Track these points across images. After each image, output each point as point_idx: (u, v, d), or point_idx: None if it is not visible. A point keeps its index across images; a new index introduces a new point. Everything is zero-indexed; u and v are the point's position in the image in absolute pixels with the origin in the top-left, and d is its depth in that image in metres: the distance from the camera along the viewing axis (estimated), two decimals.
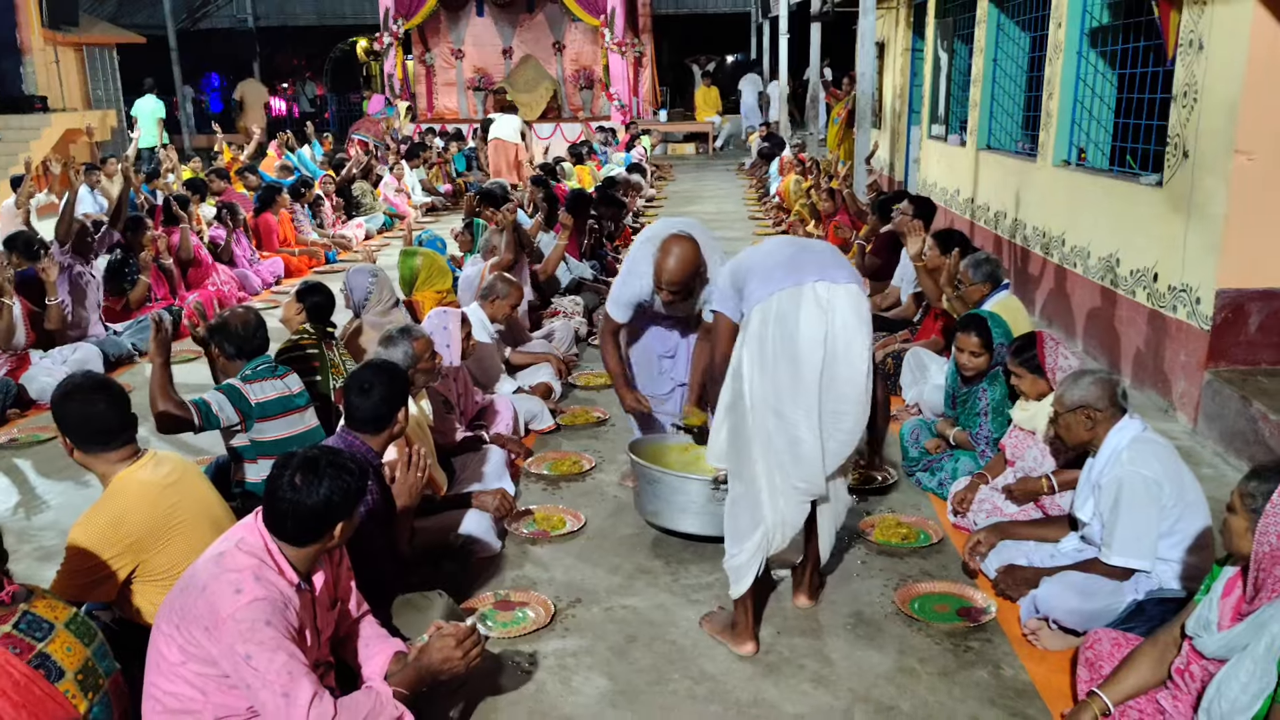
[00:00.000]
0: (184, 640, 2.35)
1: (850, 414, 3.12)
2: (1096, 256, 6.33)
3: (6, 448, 5.23)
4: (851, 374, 3.07)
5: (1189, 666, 2.53)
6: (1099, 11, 6.82)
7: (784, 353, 3.03)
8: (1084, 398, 3.28)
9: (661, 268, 3.84)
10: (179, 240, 8.03)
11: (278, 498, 2.40)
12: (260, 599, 2.31)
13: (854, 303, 3.09)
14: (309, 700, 2.28)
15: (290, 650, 2.31)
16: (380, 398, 3.15)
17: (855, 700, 2.96)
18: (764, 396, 3.06)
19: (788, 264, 3.15)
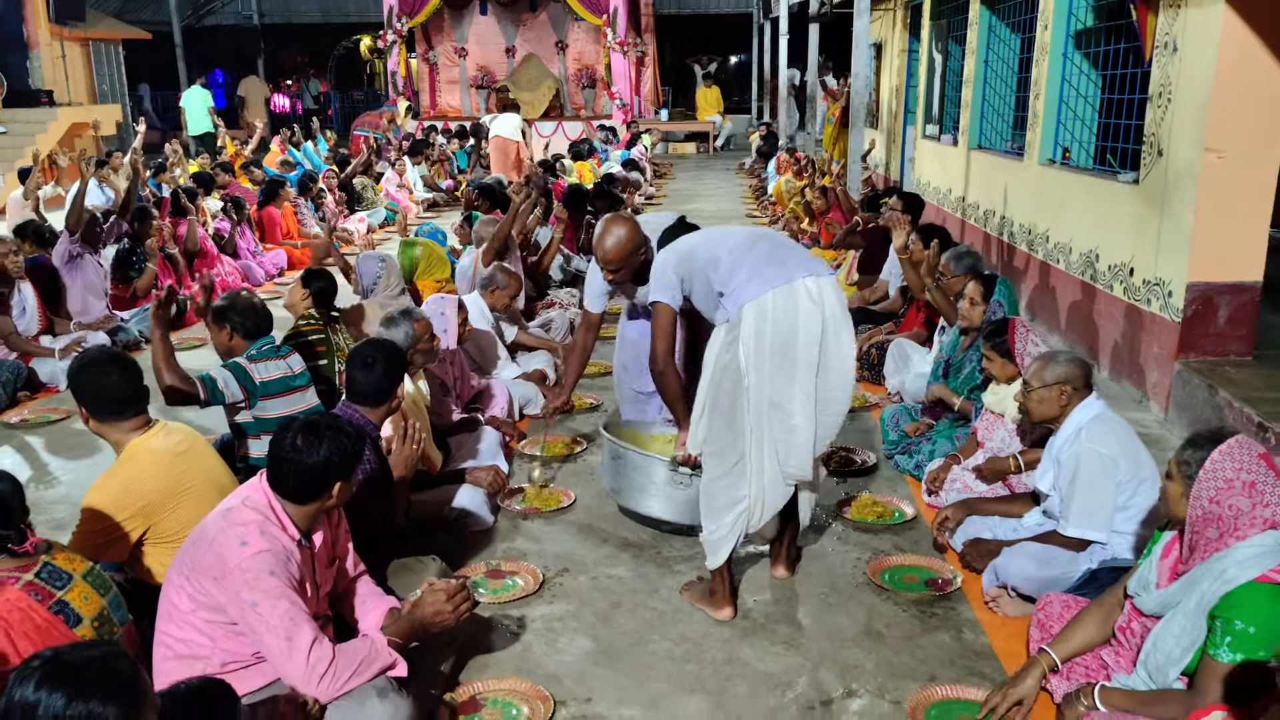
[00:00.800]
0: (194, 590, 2.53)
1: (839, 399, 3.31)
2: (1078, 252, 6.50)
3: (18, 427, 5.41)
4: (842, 363, 3.27)
5: (1130, 624, 2.71)
6: (1084, 14, 7.00)
7: (782, 348, 3.16)
8: (1064, 375, 3.45)
9: (599, 246, 3.92)
10: (185, 231, 8.22)
11: (281, 458, 2.58)
12: (264, 551, 2.49)
13: (838, 294, 3.28)
14: (309, 644, 2.46)
15: (292, 599, 2.48)
16: (382, 372, 3.34)
17: (823, 660, 3.14)
18: (760, 390, 3.18)
19: (772, 260, 3.25)
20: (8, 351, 5.99)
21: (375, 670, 2.56)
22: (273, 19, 26.58)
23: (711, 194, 15.41)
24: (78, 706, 1.74)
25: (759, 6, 24.03)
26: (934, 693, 2.93)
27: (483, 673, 3.10)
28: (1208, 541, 2.48)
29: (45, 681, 1.76)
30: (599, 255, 3.93)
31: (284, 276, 9.46)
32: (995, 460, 3.97)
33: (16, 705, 1.74)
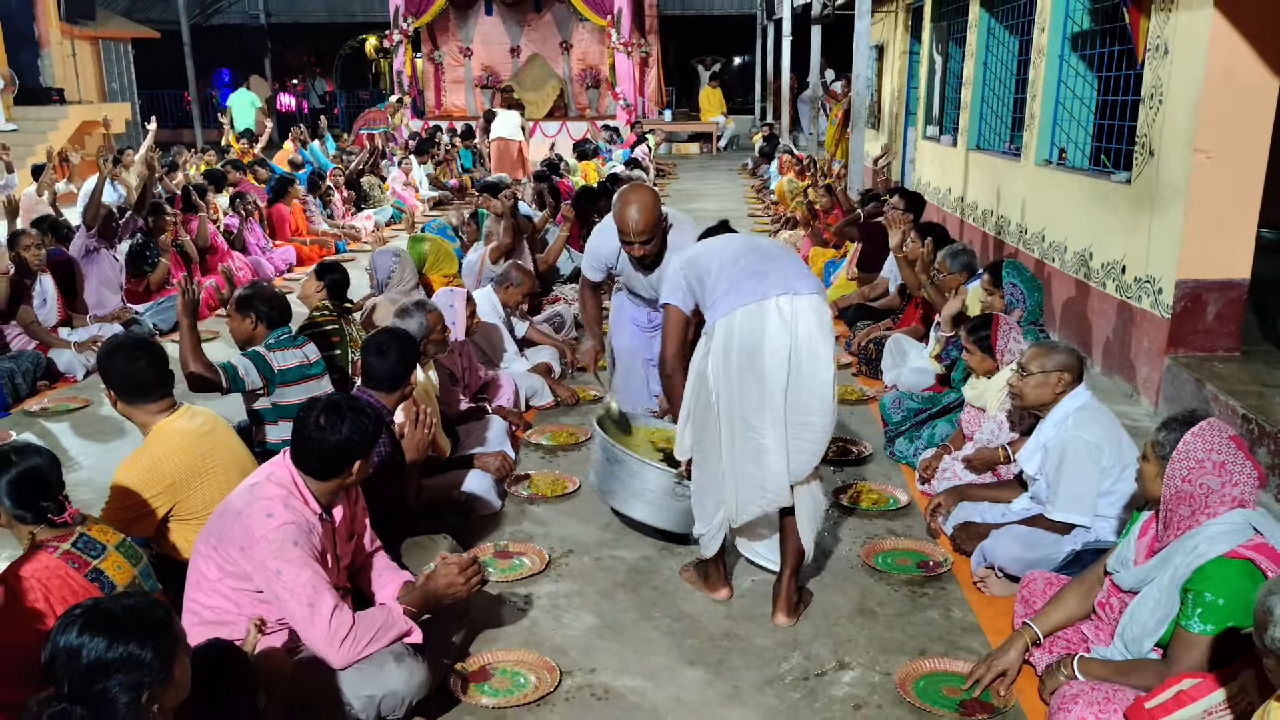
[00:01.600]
0: (221, 559, 2.68)
1: (816, 424, 3.16)
2: (1072, 251, 6.64)
3: (39, 415, 5.56)
4: (816, 385, 3.12)
5: (1109, 599, 2.85)
6: (1080, 17, 7.13)
7: (749, 367, 3.09)
8: (1061, 363, 3.59)
9: (624, 219, 3.93)
10: (197, 227, 8.37)
11: (304, 436, 2.72)
12: (289, 523, 2.64)
13: (817, 314, 3.13)
14: (331, 610, 2.60)
15: (314, 568, 2.63)
16: (396, 359, 3.49)
17: (817, 635, 3.28)
18: (730, 406, 3.14)
19: (752, 276, 3.16)
20: (27, 341, 6.15)
21: (392, 636, 2.70)
22: (279, 18, 26.75)
23: (714, 194, 15.55)
24: (118, 649, 1.89)
25: (762, 8, 24.17)
26: (922, 665, 3.07)
27: (492, 645, 3.24)
28: (1180, 519, 2.62)
29: (87, 627, 1.91)
30: (628, 229, 3.94)
31: (293, 272, 9.61)
32: (985, 451, 4.11)
33: (61, 650, 1.89)
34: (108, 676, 1.88)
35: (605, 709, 2.93)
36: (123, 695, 1.89)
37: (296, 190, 10.74)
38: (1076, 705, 2.56)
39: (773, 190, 13.85)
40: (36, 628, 2.52)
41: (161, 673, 1.93)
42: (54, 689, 1.92)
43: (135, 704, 1.90)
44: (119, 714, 1.89)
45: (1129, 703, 2.49)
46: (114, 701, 1.88)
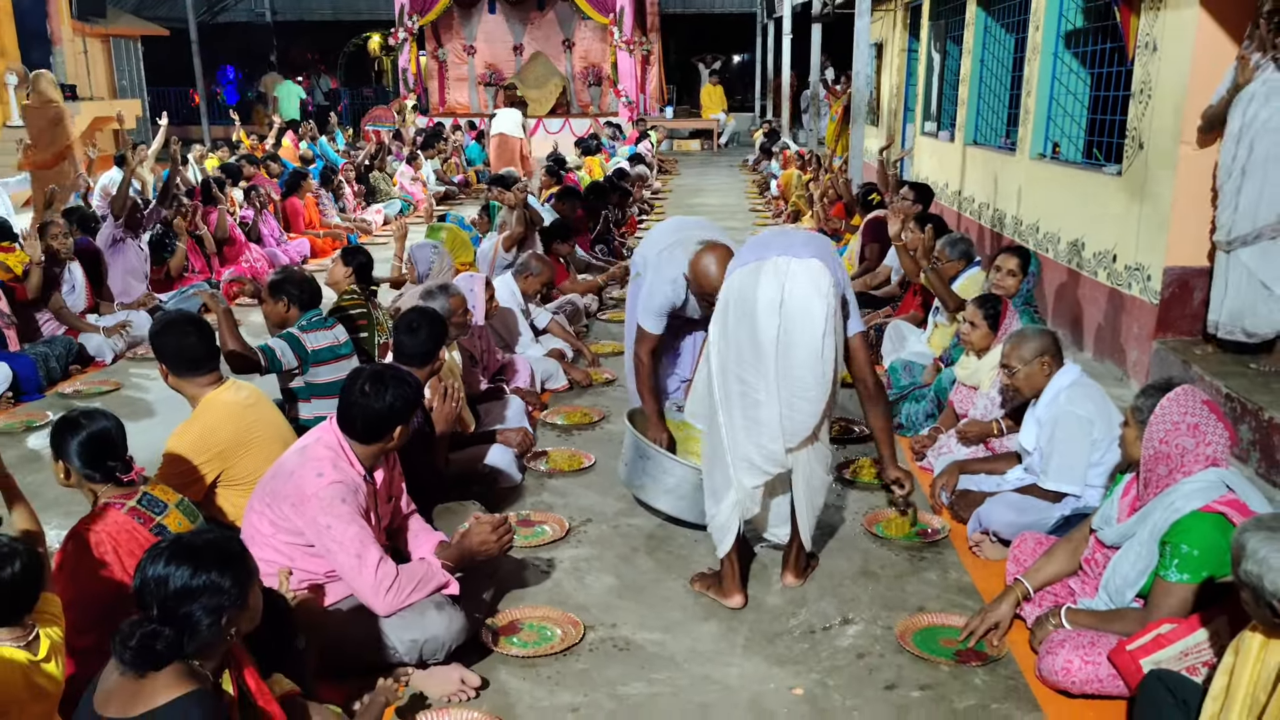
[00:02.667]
0: (274, 515, 2.90)
1: (810, 384, 3.19)
2: (1065, 241, 6.86)
3: (72, 398, 5.78)
4: (808, 343, 3.15)
5: (1094, 555, 3.08)
6: (1073, 15, 7.35)
7: (744, 319, 3.20)
8: (1038, 348, 3.81)
9: (711, 277, 3.81)
10: (216, 219, 8.59)
11: (351, 403, 2.94)
12: (337, 482, 2.86)
13: (812, 275, 3.17)
14: (376, 562, 2.83)
15: (361, 524, 2.85)
16: (425, 335, 3.72)
17: (823, 594, 3.51)
18: (724, 362, 3.26)
19: (759, 243, 3.34)
20: (57, 327, 6.37)
21: (432, 587, 2.93)
22: (285, 16, 26.98)
23: (715, 189, 15.77)
24: (200, 577, 2.11)
25: (763, 6, 24.39)
26: (920, 620, 3.30)
27: (519, 603, 3.47)
28: (1159, 478, 2.85)
29: (174, 558, 2.13)
30: (710, 286, 3.77)
31: (307, 264, 9.83)
32: (978, 424, 4.33)
33: (150, 579, 2.11)
34: (192, 601, 2.09)
35: (627, 658, 3.16)
36: (205, 618, 2.10)
37: (309, 184, 10.99)
38: (1063, 649, 2.79)
39: (775, 186, 14.07)
40: (106, 578, 2.75)
41: (238, 599, 2.15)
42: (143, 613, 2.14)
43: (215, 626, 2.12)
44: (201, 634, 2.11)
45: (1112, 646, 2.72)
46: (198, 623, 2.10)
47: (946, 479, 4.14)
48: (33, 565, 2.35)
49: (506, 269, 6.22)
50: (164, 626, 2.06)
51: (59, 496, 4.21)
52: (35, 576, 2.37)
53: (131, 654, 2.04)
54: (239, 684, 2.30)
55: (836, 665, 3.10)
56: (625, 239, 9.99)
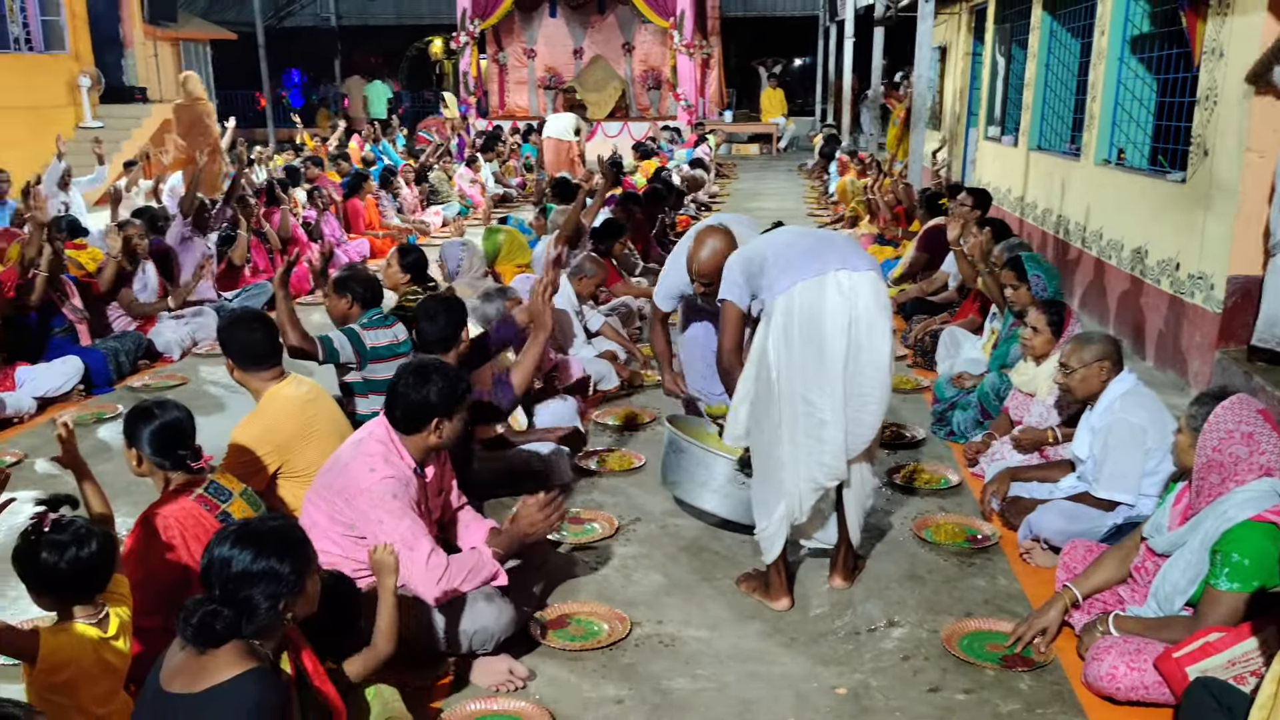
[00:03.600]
0: (330, 508, 3.00)
1: (874, 397, 3.26)
2: (1129, 249, 6.77)
3: (140, 391, 5.98)
4: (875, 358, 3.21)
5: (1144, 563, 3.06)
6: (1140, 20, 7.24)
7: (810, 340, 3.18)
8: (1099, 353, 3.78)
9: (693, 258, 3.88)
10: (279, 219, 8.81)
11: (395, 393, 3.03)
12: (389, 477, 2.94)
13: (874, 289, 3.23)
14: (427, 553, 2.90)
15: (413, 517, 2.93)
16: (445, 320, 3.83)
17: (869, 596, 3.52)
18: (791, 383, 3.21)
19: (809, 253, 3.28)
20: (128, 323, 6.59)
21: (482, 578, 2.99)
22: (349, 21, 27.46)
23: (773, 193, 15.75)
24: (261, 562, 2.20)
25: (825, 9, 24.28)
26: (967, 624, 3.29)
27: (567, 598, 3.53)
28: (1211, 486, 2.82)
29: (238, 542, 2.22)
30: (693, 266, 3.88)
31: (366, 264, 10.02)
32: (1033, 431, 4.30)
33: (216, 559, 2.21)
34: (252, 585, 2.18)
35: (672, 654, 3.20)
36: (264, 602, 2.19)
37: (370, 186, 11.21)
38: (1110, 655, 2.78)
39: (833, 190, 14.01)
40: (173, 562, 2.87)
41: (296, 585, 2.24)
42: (207, 593, 2.24)
43: (273, 610, 2.20)
44: (259, 617, 2.20)
45: (1159, 654, 2.70)
46: (256, 606, 2.19)
47: (997, 485, 4.12)
48: (106, 547, 2.47)
49: (567, 272, 6.30)
50: (224, 607, 2.15)
51: (128, 485, 4.36)
52: (108, 558, 2.48)
53: (193, 631, 2.13)
54: (296, 665, 2.39)
55: (881, 666, 3.11)
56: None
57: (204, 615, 2.14)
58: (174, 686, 2.15)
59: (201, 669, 2.14)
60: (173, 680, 2.16)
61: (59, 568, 2.38)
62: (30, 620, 3.18)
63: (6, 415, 5.33)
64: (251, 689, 2.12)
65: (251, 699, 2.11)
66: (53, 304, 5.99)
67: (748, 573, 3.66)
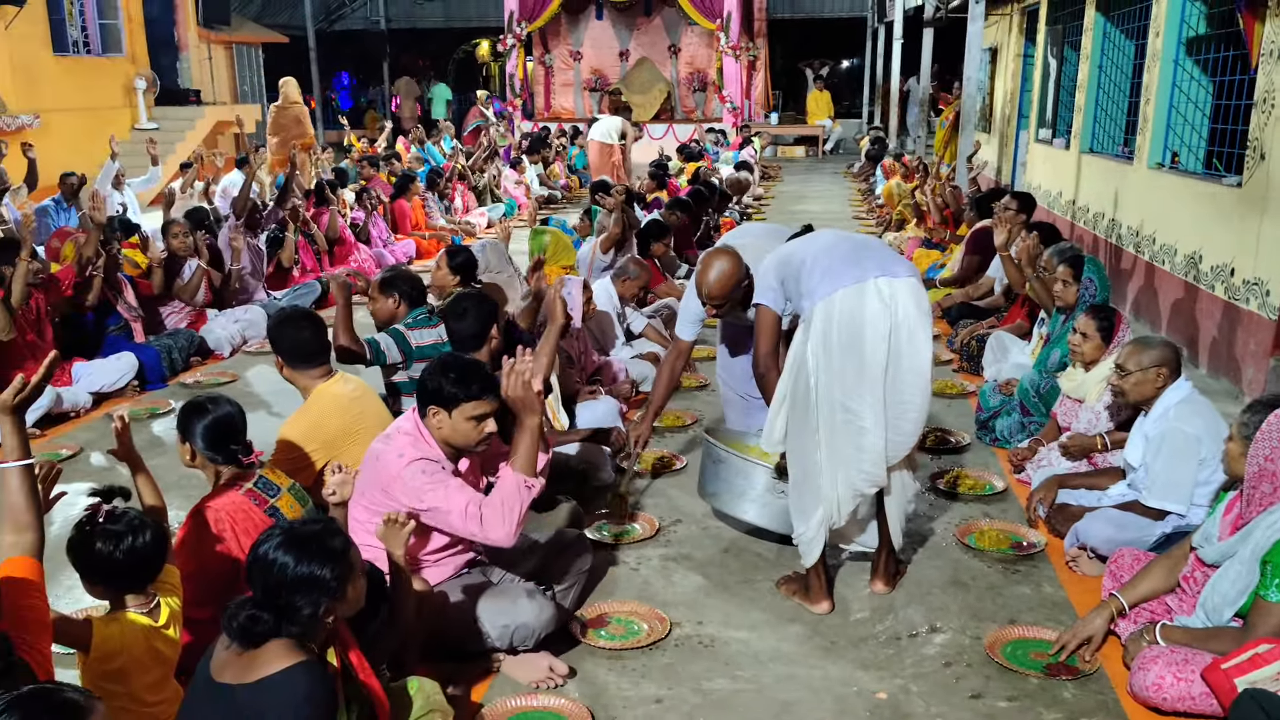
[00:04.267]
0: (369, 501, 3.04)
1: (914, 404, 3.24)
2: (1182, 254, 6.65)
3: (192, 388, 6.10)
4: (916, 364, 3.20)
5: (1193, 573, 3.00)
6: (1196, 21, 7.11)
7: (850, 348, 3.16)
8: (1157, 358, 3.71)
9: (701, 281, 3.78)
10: (328, 220, 8.94)
11: (424, 388, 3.06)
12: (417, 459, 2.97)
13: (914, 296, 3.22)
14: (464, 505, 2.91)
15: (447, 485, 2.94)
16: (475, 317, 3.87)
17: (911, 601, 3.50)
18: (830, 390, 3.19)
19: (848, 259, 3.26)
20: (180, 320, 6.73)
21: (522, 497, 2.92)
22: (398, 24, 27.76)
23: (819, 196, 15.67)
24: (302, 567, 2.23)
25: (873, 10, 24.11)
26: (1011, 632, 3.26)
27: (608, 597, 3.55)
28: (1263, 495, 2.77)
29: (281, 545, 2.26)
30: (701, 289, 3.79)
31: (412, 265, 10.13)
32: (1082, 438, 4.24)
33: (260, 558, 2.25)
34: (293, 590, 2.21)
35: (711, 655, 3.21)
36: (305, 607, 2.23)
37: (417, 187, 11.33)
38: (1156, 665, 2.73)
39: (879, 194, 13.91)
40: (223, 554, 2.92)
41: (337, 591, 2.27)
42: (251, 593, 2.28)
43: (313, 614, 2.24)
44: (300, 621, 2.23)
45: (1206, 664, 2.65)
46: (297, 610, 2.22)
47: (1044, 493, 4.07)
48: (158, 538, 2.53)
49: (604, 271, 6.34)
50: (266, 611, 2.19)
51: (180, 479, 4.47)
52: (160, 548, 2.54)
53: (237, 630, 2.18)
54: (342, 660, 2.42)
55: (922, 672, 3.09)
56: None
57: (246, 618, 2.18)
58: (224, 677, 2.19)
59: (251, 661, 2.18)
60: (223, 671, 2.21)
61: (113, 557, 2.44)
62: (84, 610, 3.27)
63: (63, 410, 5.46)
64: (301, 681, 2.15)
65: (301, 690, 2.15)
66: (109, 302, 6.13)
67: (788, 575, 3.64)
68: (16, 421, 2.34)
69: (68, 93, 14.66)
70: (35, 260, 5.52)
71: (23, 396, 2.31)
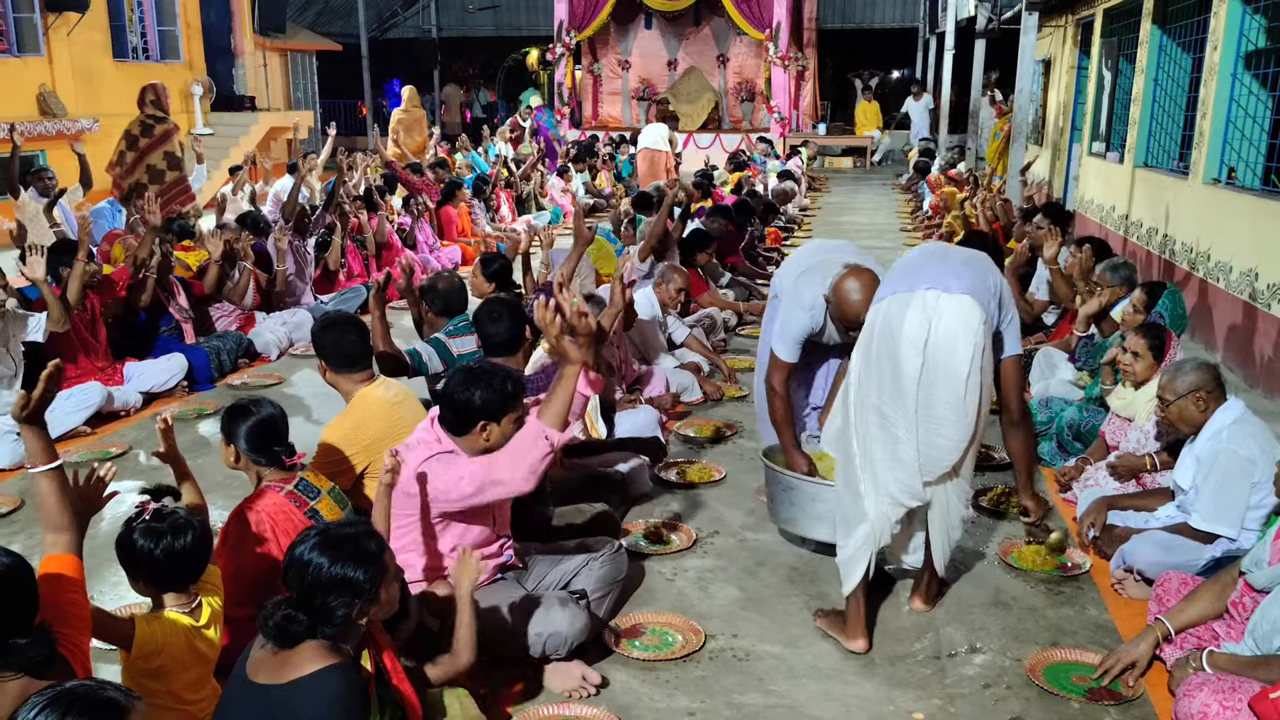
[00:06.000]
0: (396, 508, 3.04)
1: (948, 423, 3.09)
2: (1238, 271, 6.51)
3: (239, 389, 6.19)
4: (951, 384, 3.05)
5: (1242, 599, 2.93)
6: (1255, 35, 6.97)
7: (886, 354, 3.10)
8: (1193, 383, 3.64)
9: (853, 303, 3.59)
10: (376, 225, 9.04)
11: (444, 395, 3.08)
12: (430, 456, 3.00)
13: (962, 313, 3.06)
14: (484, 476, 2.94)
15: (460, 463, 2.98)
16: (508, 321, 3.86)
17: (950, 620, 3.45)
18: (866, 395, 3.16)
19: (911, 267, 3.22)
20: (229, 323, 6.83)
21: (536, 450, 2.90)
22: (449, 32, 28.04)
23: (865, 207, 15.55)
24: (336, 569, 2.25)
25: (925, 21, 23.92)
26: (1053, 654, 3.20)
27: (643, 608, 3.54)
28: None
29: (316, 547, 2.28)
30: (851, 313, 3.60)
31: (458, 270, 10.22)
32: (1130, 457, 4.15)
33: (296, 559, 2.28)
34: (327, 592, 2.24)
35: (746, 668, 3.18)
36: (339, 609, 2.25)
37: (464, 194, 11.44)
38: (1202, 692, 2.66)
39: (926, 207, 13.78)
40: (263, 555, 2.96)
41: (370, 594, 2.29)
42: (287, 593, 2.30)
43: (347, 617, 2.26)
44: (334, 623, 2.25)
45: (1254, 693, 2.58)
46: (332, 611, 2.24)
47: (1095, 515, 3.98)
48: (201, 538, 2.56)
49: (645, 280, 6.33)
50: (301, 612, 2.21)
51: (224, 479, 4.53)
52: (204, 549, 2.58)
53: (272, 630, 2.20)
54: (376, 663, 2.44)
55: (960, 693, 3.04)
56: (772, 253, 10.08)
57: (282, 618, 2.20)
58: (259, 677, 2.22)
59: (286, 661, 2.21)
60: (258, 671, 2.23)
61: (153, 556, 2.48)
62: (128, 607, 3.32)
63: (114, 409, 5.57)
64: (334, 683, 2.17)
65: (334, 692, 2.16)
66: (161, 304, 6.25)
67: (826, 610, 3.52)
68: (36, 429, 2.38)
69: (126, 98, 14.87)
70: (91, 262, 5.64)
71: (32, 407, 2.35)
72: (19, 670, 2.04)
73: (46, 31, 13.33)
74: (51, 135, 12.73)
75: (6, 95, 12.57)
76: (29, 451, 2.39)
